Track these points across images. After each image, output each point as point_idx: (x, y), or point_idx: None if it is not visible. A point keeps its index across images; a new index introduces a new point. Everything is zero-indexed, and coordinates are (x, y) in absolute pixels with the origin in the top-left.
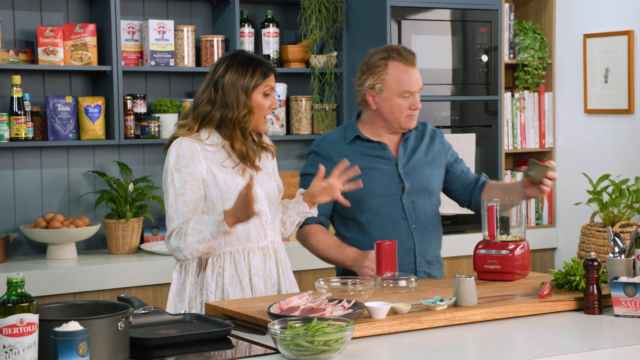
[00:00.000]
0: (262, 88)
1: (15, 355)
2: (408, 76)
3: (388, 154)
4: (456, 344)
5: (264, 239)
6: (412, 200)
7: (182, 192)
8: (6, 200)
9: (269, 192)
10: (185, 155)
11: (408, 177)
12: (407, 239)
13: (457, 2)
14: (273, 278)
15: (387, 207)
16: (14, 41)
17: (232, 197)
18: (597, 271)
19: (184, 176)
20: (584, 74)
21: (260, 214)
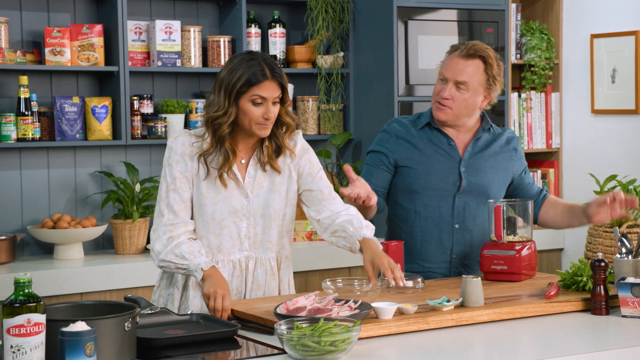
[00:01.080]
0: (249, 94)
1: (23, 355)
2: (449, 62)
3: (454, 150)
4: (463, 345)
5: (237, 252)
6: (464, 201)
7: (173, 188)
8: (13, 201)
9: (261, 205)
10: (177, 152)
11: (467, 177)
12: (447, 237)
13: (463, 3)
14: (240, 293)
15: (437, 202)
16: (21, 42)
17: (208, 204)
18: (605, 272)
19: (174, 173)
20: (591, 74)
21: (240, 226)
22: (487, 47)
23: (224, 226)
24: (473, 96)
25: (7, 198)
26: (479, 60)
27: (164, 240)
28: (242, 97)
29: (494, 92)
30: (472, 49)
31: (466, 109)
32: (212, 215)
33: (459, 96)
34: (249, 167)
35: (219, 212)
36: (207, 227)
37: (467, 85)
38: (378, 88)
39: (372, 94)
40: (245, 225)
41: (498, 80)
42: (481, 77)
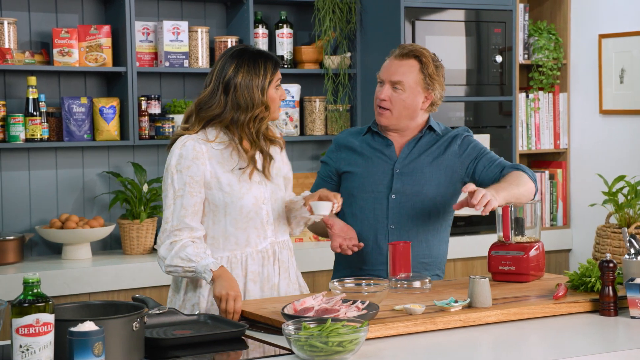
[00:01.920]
0: (274, 83)
1: (32, 355)
2: (386, 64)
3: (390, 151)
4: (470, 346)
5: (263, 241)
6: (399, 202)
7: (182, 194)
8: (22, 201)
9: (274, 190)
10: (189, 157)
11: (401, 178)
12: (383, 238)
13: (471, 3)
14: (271, 280)
15: (372, 204)
16: (29, 42)
17: (235, 201)
18: (613, 273)
19: (184, 178)
20: (599, 75)
21: (262, 214)
22: (423, 48)
23: (250, 218)
24: (411, 96)
25: (16, 198)
26: (413, 60)
27: (167, 245)
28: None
29: (433, 91)
30: (406, 49)
31: (406, 110)
32: (240, 210)
33: (396, 97)
34: (256, 155)
35: (246, 205)
36: (236, 224)
37: (402, 84)
38: None
39: None
40: (265, 212)
41: (436, 80)
42: (417, 76)
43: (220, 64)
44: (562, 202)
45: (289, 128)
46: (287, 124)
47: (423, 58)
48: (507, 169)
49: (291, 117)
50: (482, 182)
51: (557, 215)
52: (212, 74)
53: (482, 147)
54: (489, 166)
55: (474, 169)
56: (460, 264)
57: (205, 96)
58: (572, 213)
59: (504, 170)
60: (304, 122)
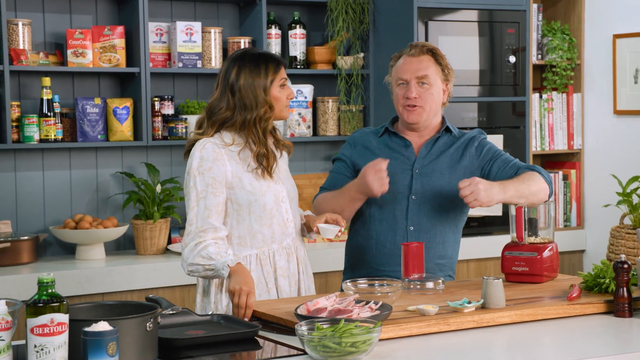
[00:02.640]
0: (277, 82)
1: (46, 355)
2: (404, 64)
3: (409, 152)
4: (484, 347)
5: (287, 238)
6: (419, 203)
7: (204, 195)
8: (36, 201)
9: (289, 189)
10: (209, 158)
11: (420, 178)
12: (402, 239)
13: (484, 3)
14: (295, 276)
15: (391, 205)
16: (44, 43)
17: (259, 199)
18: (627, 274)
19: (206, 179)
20: (614, 75)
21: (282, 211)
22: (428, 43)
23: (273, 215)
24: (437, 90)
25: (30, 198)
26: (427, 54)
27: (192, 247)
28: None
29: (449, 83)
30: (418, 46)
31: (435, 105)
32: (264, 207)
33: (424, 92)
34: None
35: (268, 202)
36: (261, 221)
37: (428, 79)
38: None
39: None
40: (285, 209)
41: (450, 70)
42: (437, 68)
43: (224, 68)
44: (575, 203)
45: (302, 128)
46: (300, 124)
47: (436, 51)
48: (522, 170)
49: (304, 118)
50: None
51: (570, 216)
52: (218, 78)
53: (497, 149)
54: (504, 167)
55: (489, 170)
56: (473, 264)
57: (214, 100)
58: (586, 214)
59: (519, 170)
60: (316, 122)
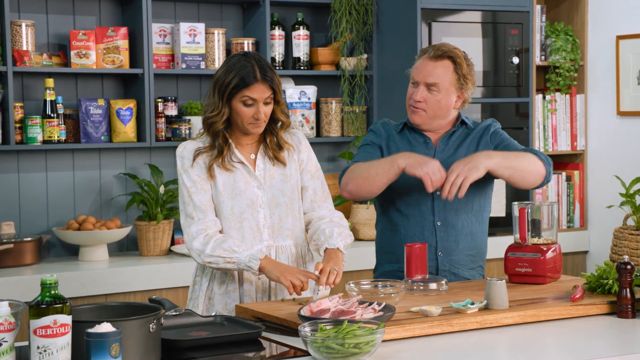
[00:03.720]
0: (239, 97)
1: (49, 356)
2: (418, 65)
3: (429, 149)
4: (487, 348)
5: (258, 244)
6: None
7: (195, 190)
8: (39, 202)
9: (275, 195)
10: (189, 157)
11: None
12: (430, 235)
13: (488, 4)
14: (264, 283)
15: (417, 200)
16: (47, 44)
17: (226, 200)
18: (631, 274)
19: (192, 177)
20: (617, 76)
21: (258, 217)
22: (455, 48)
23: (244, 219)
24: (446, 97)
25: (33, 200)
26: (447, 60)
27: (202, 239)
28: (234, 98)
29: (466, 91)
30: (440, 50)
31: (440, 110)
32: (232, 210)
33: (431, 98)
34: (258, 160)
35: (238, 206)
36: (228, 223)
37: (437, 86)
38: (402, 90)
39: (396, 96)
40: (263, 215)
41: (469, 79)
42: (451, 77)
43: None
44: (579, 204)
45: (306, 129)
46: (303, 125)
47: (457, 59)
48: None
49: (307, 119)
50: None
51: (574, 217)
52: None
53: (508, 137)
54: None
55: None
56: None
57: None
58: (589, 215)
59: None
60: (320, 123)
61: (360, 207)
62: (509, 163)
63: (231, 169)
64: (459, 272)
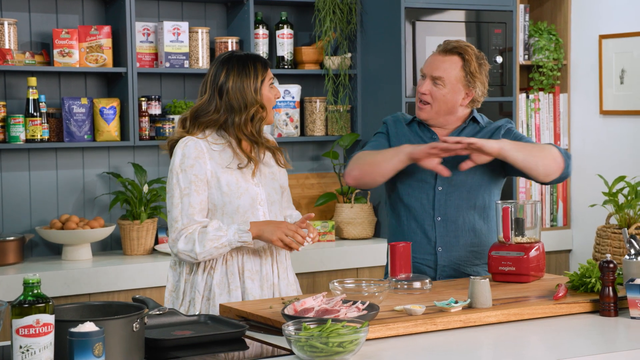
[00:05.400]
0: (267, 81)
1: (32, 356)
2: (428, 59)
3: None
4: (471, 346)
5: (259, 241)
6: (446, 193)
7: (188, 192)
8: (22, 202)
9: (270, 192)
10: (192, 156)
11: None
12: (430, 229)
13: (471, 3)
14: (270, 280)
15: (418, 194)
16: (30, 43)
17: (233, 201)
18: (613, 273)
19: (189, 177)
20: (600, 75)
21: (258, 215)
22: (468, 45)
23: (247, 218)
24: (451, 92)
25: (16, 199)
26: (456, 56)
27: (183, 239)
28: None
29: (474, 89)
30: (450, 45)
31: (445, 105)
32: (237, 209)
33: (436, 92)
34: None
35: (243, 205)
36: (232, 222)
37: (443, 80)
38: (386, 89)
39: (380, 95)
40: (262, 213)
41: (478, 78)
42: (458, 73)
43: (212, 72)
44: (562, 203)
45: (290, 129)
46: (287, 124)
47: (466, 55)
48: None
49: (292, 118)
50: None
51: (557, 216)
52: (205, 82)
53: (521, 134)
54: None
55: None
56: None
57: (202, 104)
58: (572, 213)
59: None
60: (304, 122)
61: (345, 206)
62: (524, 147)
63: (232, 168)
64: (460, 268)
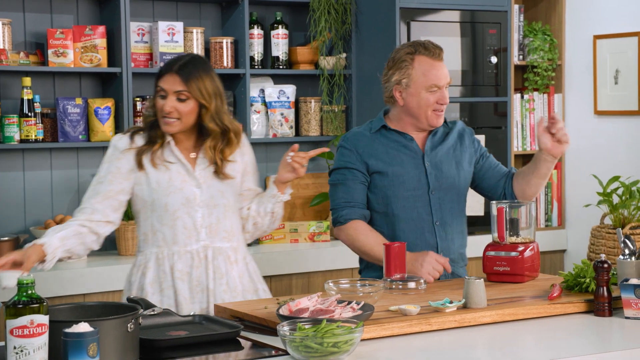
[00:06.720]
0: (156, 89)
1: (26, 356)
2: (435, 70)
3: (414, 146)
4: (465, 346)
5: (194, 243)
6: (439, 197)
7: (102, 181)
8: (16, 202)
9: (214, 195)
10: (120, 149)
11: (434, 172)
12: (430, 235)
13: (466, 4)
14: (202, 284)
15: (413, 202)
16: (24, 43)
17: (161, 198)
18: (608, 273)
19: (110, 168)
20: (594, 75)
21: (195, 216)
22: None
23: (177, 217)
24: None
25: (10, 199)
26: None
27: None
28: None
29: None
30: (438, 48)
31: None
32: (165, 207)
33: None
34: (199, 159)
35: (172, 204)
36: (161, 220)
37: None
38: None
39: (375, 95)
40: (200, 215)
41: None
42: None
43: None
44: (557, 203)
45: (285, 129)
46: (282, 124)
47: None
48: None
49: (286, 118)
50: (488, 179)
51: (552, 216)
52: None
53: (484, 147)
54: (493, 169)
55: (480, 167)
56: None
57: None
58: (566, 214)
59: (511, 170)
60: (299, 122)
61: None
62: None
63: (166, 166)
64: (455, 271)
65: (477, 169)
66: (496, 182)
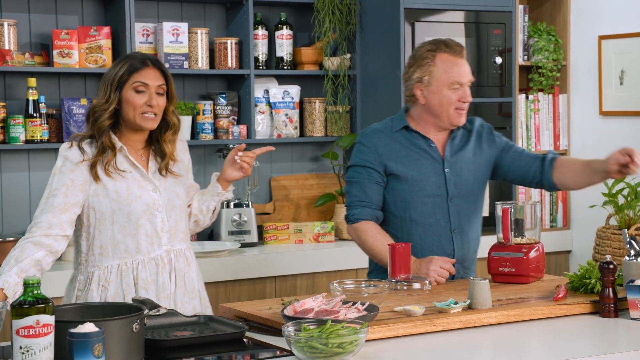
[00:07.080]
0: (129, 84)
1: (32, 357)
2: (457, 67)
3: (434, 152)
4: (470, 347)
5: (157, 249)
6: (457, 204)
7: (55, 194)
8: (22, 202)
9: (170, 197)
10: (73, 161)
11: (453, 179)
12: (447, 243)
13: (471, 4)
14: (167, 289)
15: (432, 208)
16: (29, 44)
17: (123, 208)
18: (613, 274)
19: (64, 180)
20: (599, 76)
21: (155, 221)
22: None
23: (140, 225)
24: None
25: (16, 199)
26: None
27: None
28: (125, 86)
29: None
30: (459, 46)
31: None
32: (128, 216)
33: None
34: (150, 162)
35: (134, 212)
36: (124, 231)
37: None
38: (385, 90)
39: (379, 96)
40: (160, 219)
41: None
42: None
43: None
44: (562, 204)
45: (289, 129)
46: (286, 125)
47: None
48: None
49: (291, 119)
50: (517, 169)
51: (557, 217)
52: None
53: (506, 138)
54: (519, 157)
55: (501, 160)
56: None
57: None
58: (572, 214)
59: (549, 156)
60: (303, 123)
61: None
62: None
63: (121, 175)
64: (465, 275)
65: (502, 162)
66: (525, 170)
